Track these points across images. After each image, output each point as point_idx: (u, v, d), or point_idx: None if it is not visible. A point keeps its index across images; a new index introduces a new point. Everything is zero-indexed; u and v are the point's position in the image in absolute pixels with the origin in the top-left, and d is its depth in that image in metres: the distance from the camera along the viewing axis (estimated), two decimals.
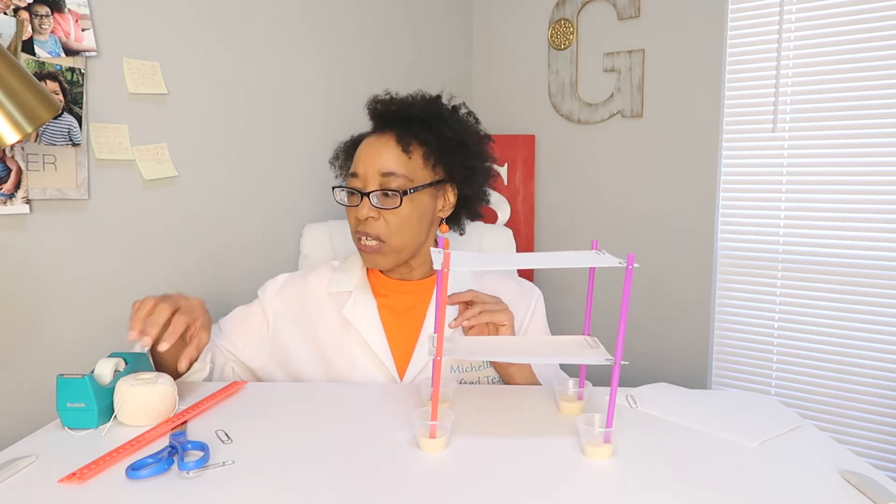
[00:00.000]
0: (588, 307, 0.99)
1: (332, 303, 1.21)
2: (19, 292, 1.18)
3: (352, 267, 1.25)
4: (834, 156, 1.72)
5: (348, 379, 1.15)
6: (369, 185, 1.14)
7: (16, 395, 1.18)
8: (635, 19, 1.95)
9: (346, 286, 1.21)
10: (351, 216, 1.17)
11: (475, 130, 1.24)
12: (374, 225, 1.13)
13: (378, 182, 1.13)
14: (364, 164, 1.15)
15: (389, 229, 1.14)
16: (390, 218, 1.14)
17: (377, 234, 1.14)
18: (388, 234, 1.14)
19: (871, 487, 0.72)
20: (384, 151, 1.15)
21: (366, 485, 0.75)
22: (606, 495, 0.74)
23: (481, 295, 1.05)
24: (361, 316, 1.18)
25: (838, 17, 1.68)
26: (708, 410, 0.97)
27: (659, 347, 1.99)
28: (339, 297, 1.21)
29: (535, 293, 1.28)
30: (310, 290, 1.23)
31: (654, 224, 1.98)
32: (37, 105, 0.95)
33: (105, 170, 1.29)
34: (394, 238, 1.14)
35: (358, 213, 1.13)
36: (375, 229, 1.14)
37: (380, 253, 1.15)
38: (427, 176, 1.17)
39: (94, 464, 0.77)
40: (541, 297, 1.28)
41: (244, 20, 1.53)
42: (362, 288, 1.21)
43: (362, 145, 1.19)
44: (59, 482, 0.74)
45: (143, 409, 0.89)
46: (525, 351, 0.95)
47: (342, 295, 1.21)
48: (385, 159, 1.14)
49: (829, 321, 1.76)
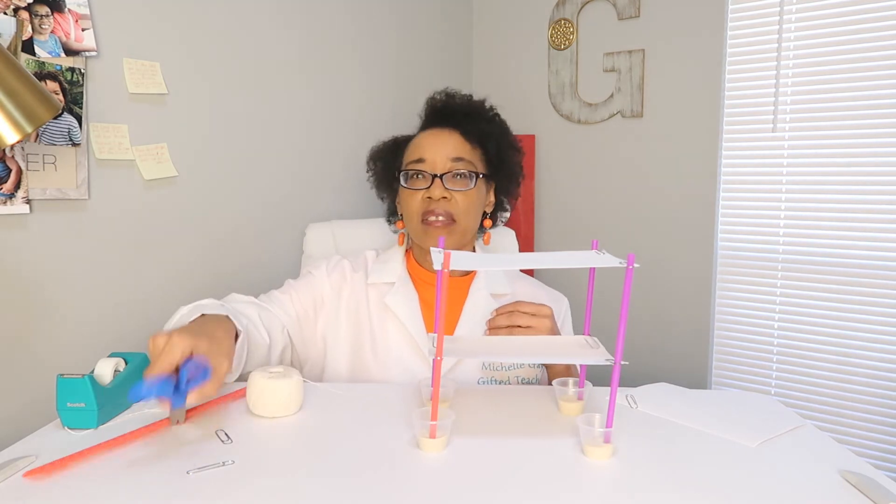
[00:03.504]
0: (588, 307, 0.99)
1: (373, 292, 1.23)
2: (19, 292, 1.18)
3: (392, 259, 1.27)
4: (834, 156, 1.72)
5: (384, 365, 1.16)
6: (439, 168, 1.19)
7: (16, 395, 1.18)
8: (635, 19, 1.95)
9: (388, 277, 1.24)
10: (415, 199, 1.20)
11: (515, 138, 1.32)
12: (447, 204, 1.18)
13: (448, 166, 1.19)
14: (432, 151, 1.20)
15: (460, 209, 1.19)
16: (461, 199, 1.19)
17: (449, 213, 1.18)
18: (459, 214, 1.19)
19: (871, 487, 0.72)
20: (451, 140, 1.21)
21: (366, 485, 0.75)
22: (606, 495, 0.74)
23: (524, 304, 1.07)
24: (403, 306, 1.20)
25: (838, 17, 1.68)
26: (708, 410, 0.97)
27: (659, 347, 1.99)
28: (380, 288, 1.23)
29: (565, 303, 1.31)
30: (350, 276, 1.26)
31: (654, 224, 1.98)
32: (37, 105, 0.95)
33: (105, 170, 1.29)
34: (463, 217, 1.19)
35: (431, 194, 1.18)
36: (448, 208, 1.18)
37: (449, 229, 1.19)
38: (485, 168, 1.25)
39: (81, 455, 0.77)
40: (569, 307, 1.31)
41: (244, 20, 1.53)
42: (404, 280, 1.24)
43: (425, 137, 1.24)
44: (28, 474, 0.74)
45: (280, 400, 0.93)
46: (525, 351, 0.94)
47: (383, 286, 1.23)
48: (454, 146, 1.21)
49: (828, 321, 1.76)
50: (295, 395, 0.95)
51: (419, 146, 1.23)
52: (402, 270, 1.25)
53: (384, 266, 1.25)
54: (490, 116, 1.28)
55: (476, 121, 1.24)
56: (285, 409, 0.94)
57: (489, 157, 1.25)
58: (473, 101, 1.29)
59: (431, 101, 1.31)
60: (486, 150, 1.24)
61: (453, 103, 1.28)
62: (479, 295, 1.22)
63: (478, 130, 1.23)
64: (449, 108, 1.27)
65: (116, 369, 0.96)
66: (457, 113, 1.25)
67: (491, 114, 1.29)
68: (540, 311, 1.07)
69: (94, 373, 0.93)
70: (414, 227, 1.21)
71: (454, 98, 1.29)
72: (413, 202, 1.20)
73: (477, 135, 1.23)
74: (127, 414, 0.95)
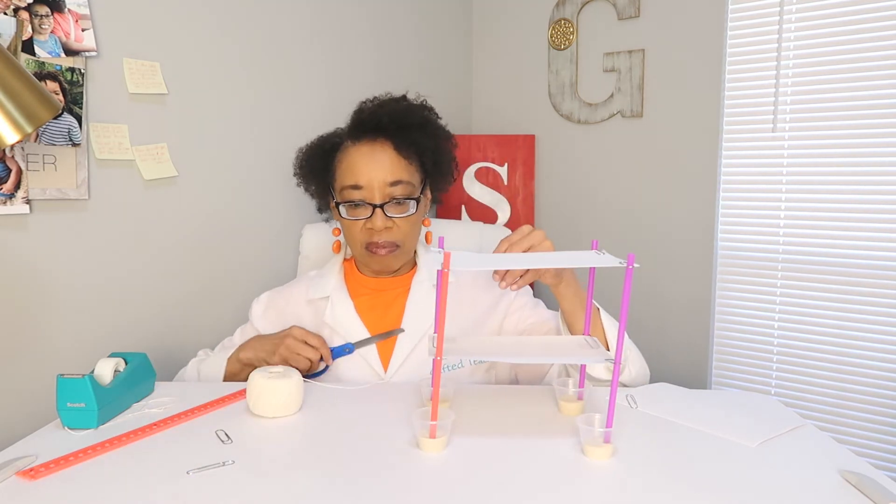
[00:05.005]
0: (588, 307, 0.99)
1: (312, 310, 1.24)
2: (19, 292, 1.18)
3: (328, 273, 1.27)
4: (834, 156, 1.72)
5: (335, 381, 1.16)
6: (377, 197, 1.16)
7: (16, 395, 1.18)
8: (635, 19, 1.95)
9: (323, 291, 1.24)
10: (357, 228, 1.18)
11: (447, 129, 1.29)
12: (390, 234, 1.17)
13: (387, 192, 1.16)
14: (367, 176, 1.16)
15: (404, 234, 1.18)
16: (403, 224, 1.17)
17: (393, 241, 1.17)
18: (404, 238, 1.18)
19: (871, 487, 0.73)
20: (386, 160, 1.17)
21: (366, 485, 0.75)
22: (606, 495, 0.74)
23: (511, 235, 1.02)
24: (342, 319, 1.20)
25: (838, 17, 1.68)
26: (708, 410, 0.97)
27: (659, 347, 1.99)
28: (318, 304, 1.24)
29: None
30: (291, 302, 1.27)
31: (654, 224, 1.98)
32: (37, 105, 0.95)
33: (105, 170, 1.29)
34: (407, 240, 1.19)
35: (373, 226, 1.15)
36: (392, 237, 1.17)
37: (394, 255, 1.19)
38: (421, 178, 1.23)
39: (74, 456, 0.77)
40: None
41: (244, 20, 1.53)
42: (339, 292, 1.23)
43: (356, 155, 1.19)
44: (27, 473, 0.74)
45: (280, 400, 0.94)
46: (525, 351, 0.95)
47: (320, 301, 1.24)
48: (389, 169, 1.16)
49: (829, 321, 1.76)
50: (295, 395, 0.95)
51: (353, 169, 1.17)
52: (337, 282, 1.24)
53: (320, 282, 1.26)
54: (421, 121, 1.22)
55: (408, 131, 1.19)
56: (285, 409, 0.95)
57: (425, 167, 1.22)
58: (402, 108, 1.23)
59: (359, 113, 1.24)
60: (422, 161, 1.21)
61: (381, 114, 1.20)
62: (422, 288, 1.22)
63: (411, 142, 1.18)
64: (378, 121, 1.20)
65: (116, 369, 0.96)
66: (388, 125, 1.19)
67: (421, 117, 1.23)
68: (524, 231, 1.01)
69: (94, 373, 0.93)
70: (358, 252, 1.21)
71: (383, 107, 1.22)
72: (354, 230, 1.19)
73: (411, 147, 1.19)
74: (127, 414, 0.95)
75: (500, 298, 1.24)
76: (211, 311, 1.47)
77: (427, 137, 1.21)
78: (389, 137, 1.18)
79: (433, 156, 1.22)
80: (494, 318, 1.23)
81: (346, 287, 1.24)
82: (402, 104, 1.24)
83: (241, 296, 1.51)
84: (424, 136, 1.21)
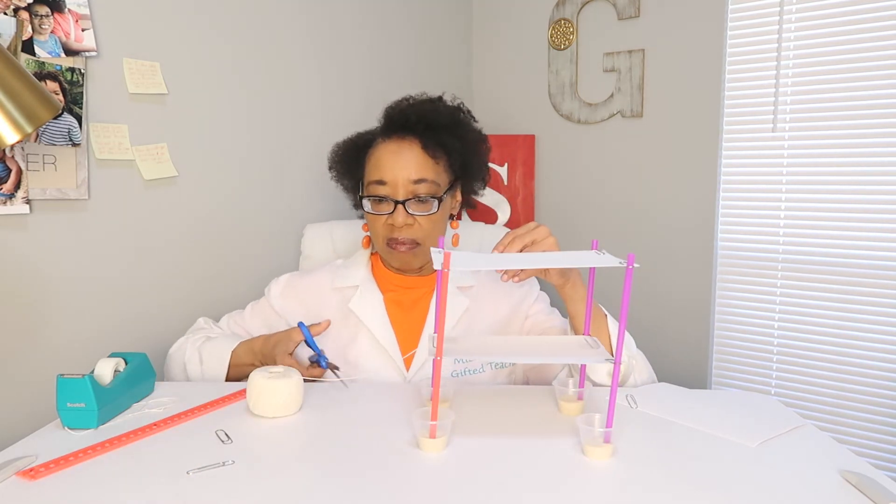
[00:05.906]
0: (588, 307, 0.99)
1: (337, 297, 1.24)
2: (19, 292, 1.18)
3: (356, 263, 1.28)
4: (834, 156, 1.72)
5: (354, 371, 1.16)
6: (401, 193, 1.16)
7: (16, 395, 1.18)
8: (635, 19, 1.95)
9: (352, 281, 1.25)
10: (380, 223, 1.19)
11: (480, 132, 1.29)
12: (410, 230, 1.17)
13: (410, 189, 1.16)
14: (392, 172, 1.17)
15: (423, 232, 1.18)
16: (425, 222, 1.18)
17: (413, 239, 1.17)
18: (424, 237, 1.18)
19: (871, 487, 0.73)
20: (412, 158, 1.18)
21: (366, 485, 0.75)
22: (606, 495, 0.74)
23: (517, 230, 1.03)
24: (368, 309, 1.21)
25: (838, 17, 1.68)
26: (708, 410, 0.97)
27: (659, 347, 1.99)
28: (345, 292, 1.24)
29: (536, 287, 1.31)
30: (314, 286, 1.27)
31: (654, 224, 1.98)
32: (37, 105, 0.95)
33: (105, 170, 1.29)
34: (427, 240, 1.19)
35: (394, 221, 1.16)
36: (412, 234, 1.17)
37: (414, 253, 1.19)
38: (449, 178, 1.23)
39: (74, 457, 0.77)
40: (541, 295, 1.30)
41: (244, 20, 1.53)
42: (368, 283, 1.24)
43: (383, 151, 1.20)
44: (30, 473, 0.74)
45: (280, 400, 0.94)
46: (526, 351, 0.95)
47: (347, 290, 1.24)
48: (415, 166, 1.17)
49: (829, 321, 1.76)
50: (295, 395, 0.96)
51: (379, 164, 1.19)
52: (366, 273, 1.25)
53: (347, 272, 1.27)
54: (450, 122, 1.23)
55: (436, 130, 1.20)
56: (285, 409, 0.95)
57: (452, 166, 1.22)
58: (432, 108, 1.23)
59: (391, 111, 1.26)
60: (450, 161, 1.22)
61: (411, 113, 1.22)
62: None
63: (438, 142, 1.19)
64: (407, 119, 1.21)
65: (116, 369, 0.96)
66: (416, 124, 1.20)
67: (451, 118, 1.24)
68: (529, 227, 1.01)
69: (94, 373, 0.93)
70: (380, 247, 1.23)
71: (413, 107, 1.24)
72: (377, 225, 1.20)
73: (438, 147, 1.19)
74: (127, 414, 0.95)
75: (521, 302, 1.25)
76: (211, 311, 1.47)
77: (455, 138, 1.21)
78: (418, 136, 1.19)
79: (461, 157, 1.22)
80: (516, 321, 1.25)
81: (374, 279, 1.25)
82: (433, 104, 1.25)
83: (241, 296, 1.51)
84: (453, 136, 1.21)
